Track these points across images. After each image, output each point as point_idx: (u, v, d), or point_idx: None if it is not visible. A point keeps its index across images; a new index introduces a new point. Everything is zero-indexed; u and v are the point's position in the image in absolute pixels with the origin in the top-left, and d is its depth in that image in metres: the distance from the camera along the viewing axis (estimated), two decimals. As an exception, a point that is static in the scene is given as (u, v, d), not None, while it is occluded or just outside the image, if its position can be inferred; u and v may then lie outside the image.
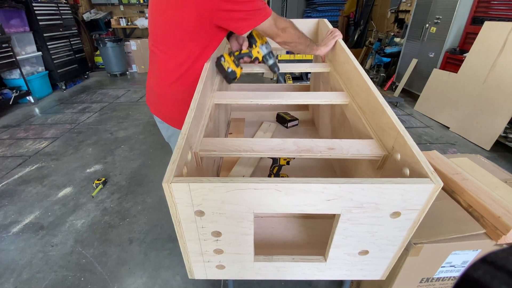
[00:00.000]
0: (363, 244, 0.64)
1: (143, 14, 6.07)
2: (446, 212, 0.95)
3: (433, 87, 3.49)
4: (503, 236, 0.82)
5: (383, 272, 0.71)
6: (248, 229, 0.61)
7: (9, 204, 2.06)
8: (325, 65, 1.24)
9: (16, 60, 3.70)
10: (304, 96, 1.01)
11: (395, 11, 5.03)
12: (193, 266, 0.71)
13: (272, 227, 0.87)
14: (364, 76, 0.88)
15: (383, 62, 4.60)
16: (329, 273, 0.72)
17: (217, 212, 0.57)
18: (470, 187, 0.98)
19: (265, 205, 0.56)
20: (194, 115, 0.73)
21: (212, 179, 0.54)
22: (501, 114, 2.66)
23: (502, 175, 1.14)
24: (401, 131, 0.65)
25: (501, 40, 2.75)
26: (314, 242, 0.81)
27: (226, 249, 0.66)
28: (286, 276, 0.73)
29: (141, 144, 2.90)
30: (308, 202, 0.56)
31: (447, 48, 3.50)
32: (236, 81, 1.14)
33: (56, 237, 1.76)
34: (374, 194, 0.54)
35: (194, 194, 0.54)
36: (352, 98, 0.96)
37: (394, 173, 0.67)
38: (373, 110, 0.80)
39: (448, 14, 3.38)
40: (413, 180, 0.53)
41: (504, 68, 2.71)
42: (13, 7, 3.79)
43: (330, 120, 1.26)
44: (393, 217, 0.57)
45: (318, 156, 0.71)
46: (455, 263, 0.93)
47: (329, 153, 0.71)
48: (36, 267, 1.56)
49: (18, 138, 3.04)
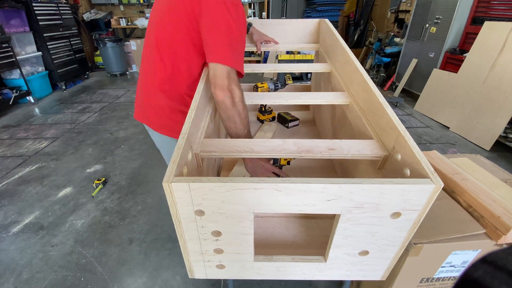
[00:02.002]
0: (363, 245, 0.64)
1: (143, 14, 6.07)
2: (446, 212, 0.95)
3: (433, 87, 3.49)
4: (503, 236, 0.82)
5: (383, 272, 0.71)
6: (248, 229, 0.61)
7: (9, 204, 2.06)
8: (326, 65, 1.24)
9: (16, 60, 3.70)
10: (305, 96, 1.01)
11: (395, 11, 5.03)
12: (193, 266, 0.71)
13: (272, 227, 0.87)
14: (365, 76, 0.88)
15: (383, 62, 4.60)
16: (329, 273, 0.72)
17: (217, 212, 0.57)
18: (470, 187, 0.98)
19: (265, 205, 0.56)
20: (195, 115, 0.73)
21: (212, 178, 0.54)
22: (501, 114, 2.66)
23: (502, 175, 1.13)
24: (402, 131, 0.65)
25: (501, 40, 2.75)
26: (314, 242, 0.81)
27: (226, 248, 0.66)
28: (286, 276, 0.73)
29: (141, 144, 2.90)
30: (308, 202, 0.56)
31: (447, 48, 3.50)
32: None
33: (56, 237, 1.76)
34: (374, 194, 0.54)
35: (194, 194, 0.54)
36: (353, 98, 0.96)
37: (395, 174, 0.67)
38: (373, 110, 0.80)
39: (448, 14, 3.38)
40: (413, 181, 0.53)
41: (504, 68, 2.71)
42: (13, 7, 3.79)
43: (331, 120, 1.26)
44: (393, 217, 0.57)
45: (318, 156, 0.71)
46: (455, 263, 0.92)
47: (330, 153, 0.71)
48: (36, 267, 1.56)
49: (18, 138, 3.04)
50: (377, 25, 5.63)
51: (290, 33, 1.53)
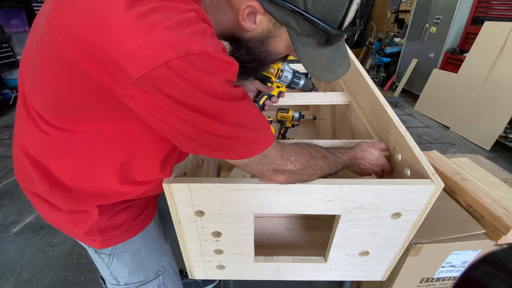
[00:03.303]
0: (364, 245, 0.64)
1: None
2: (446, 212, 0.95)
3: (433, 87, 3.49)
4: (503, 236, 0.82)
5: (383, 273, 0.71)
6: (248, 230, 0.61)
7: (9, 204, 2.06)
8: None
9: (16, 60, 3.69)
10: (305, 96, 1.01)
11: (395, 11, 5.03)
12: (193, 266, 0.71)
13: (272, 227, 0.87)
14: (365, 76, 0.88)
15: (383, 62, 4.60)
16: (329, 274, 0.72)
17: (217, 213, 0.57)
18: (470, 187, 0.98)
19: (265, 206, 0.56)
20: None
21: (212, 179, 0.54)
22: (501, 114, 2.66)
23: (502, 175, 1.13)
24: (402, 131, 0.65)
25: (501, 40, 2.75)
26: (315, 243, 0.81)
27: (226, 249, 0.66)
28: (286, 276, 0.73)
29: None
30: (308, 202, 0.56)
31: (447, 48, 3.49)
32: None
33: (56, 237, 1.76)
34: (374, 195, 0.54)
35: (194, 194, 0.54)
36: (353, 98, 0.96)
37: (395, 174, 0.67)
38: (374, 110, 0.80)
39: (448, 14, 3.38)
40: (414, 181, 0.53)
41: (504, 68, 2.71)
42: (13, 7, 3.79)
43: (331, 120, 1.26)
44: (393, 218, 0.57)
45: (319, 156, 0.71)
46: (455, 263, 0.92)
47: (330, 153, 0.71)
48: (36, 267, 1.56)
49: (18, 138, 3.03)
50: (377, 25, 5.62)
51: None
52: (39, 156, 0.52)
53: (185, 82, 0.37)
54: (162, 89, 0.37)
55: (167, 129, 0.43)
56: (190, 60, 0.36)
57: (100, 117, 0.46)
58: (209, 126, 0.42)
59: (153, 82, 0.36)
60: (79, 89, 0.42)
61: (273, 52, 0.53)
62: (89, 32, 0.36)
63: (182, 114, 0.39)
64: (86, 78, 0.39)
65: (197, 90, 0.38)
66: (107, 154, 0.51)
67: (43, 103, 0.47)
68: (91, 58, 0.37)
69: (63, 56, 0.39)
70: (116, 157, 0.52)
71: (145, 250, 0.68)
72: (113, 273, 0.68)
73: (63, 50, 0.39)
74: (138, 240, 0.66)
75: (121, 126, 0.48)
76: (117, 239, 0.62)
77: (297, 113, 1.20)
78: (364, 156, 0.65)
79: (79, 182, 0.53)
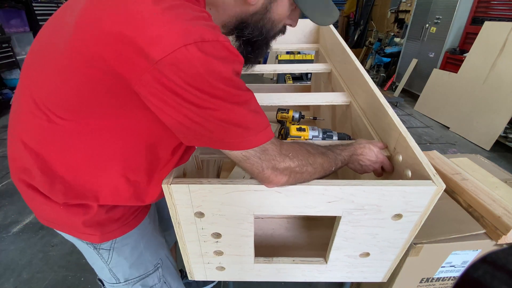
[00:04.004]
0: (364, 246, 0.64)
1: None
2: (446, 212, 0.95)
3: (433, 87, 3.48)
4: (503, 236, 0.82)
5: (384, 274, 0.71)
6: (248, 231, 0.61)
7: (9, 204, 2.06)
8: (326, 65, 1.24)
9: (16, 60, 3.69)
10: (305, 97, 1.01)
11: (395, 11, 5.02)
12: (193, 268, 0.71)
13: (272, 228, 0.87)
14: (365, 76, 0.88)
15: (383, 62, 4.60)
16: (330, 275, 0.72)
17: (217, 214, 0.57)
18: (470, 187, 0.98)
19: (265, 207, 0.56)
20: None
21: (211, 180, 0.53)
22: (501, 114, 2.66)
23: (502, 175, 1.13)
24: (403, 132, 0.64)
25: (501, 40, 2.75)
26: (315, 244, 0.81)
27: (226, 250, 0.65)
28: (287, 277, 0.73)
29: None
30: (309, 204, 0.56)
31: (447, 48, 3.49)
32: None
33: (56, 237, 1.75)
34: (375, 196, 0.53)
35: (194, 196, 0.54)
36: (353, 98, 0.96)
37: (396, 175, 0.67)
38: (374, 110, 0.80)
39: (448, 14, 3.38)
40: (415, 182, 0.53)
41: (504, 68, 2.70)
42: (13, 7, 3.78)
43: (331, 121, 1.26)
44: (394, 219, 0.57)
45: (319, 157, 0.71)
46: (455, 263, 0.92)
47: (330, 154, 0.71)
48: (36, 267, 1.56)
49: (18, 138, 3.03)
50: (377, 25, 5.62)
51: (290, 33, 1.51)
52: (42, 149, 0.52)
53: (201, 64, 0.41)
54: (178, 70, 0.40)
55: (174, 115, 0.44)
56: (205, 46, 0.41)
57: (112, 112, 0.48)
58: (217, 111, 0.44)
59: (173, 62, 0.39)
60: (98, 85, 0.45)
61: (277, 18, 0.59)
62: (121, 26, 0.40)
63: (193, 97, 0.42)
64: (107, 72, 0.42)
65: (211, 73, 0.42)
66: (113, 149, 0.53)
67: (54, 97, 0.48)
68: (118, 49, 0.41)
69: (89, 51, 0.42)
70: (122, 153, 0.53)
71: (143, 243, 0.68)
72: (112, 270, 0.68)
73: (89, 47, 0.42)
74: (136, 233, 0.66)
75: (131, 122, 0.50)
76: (116, 232, 0.62)
77: (297, 114, 1.19)
78: (363, 152, 0.65)
79: (80, 177, 0.54)
